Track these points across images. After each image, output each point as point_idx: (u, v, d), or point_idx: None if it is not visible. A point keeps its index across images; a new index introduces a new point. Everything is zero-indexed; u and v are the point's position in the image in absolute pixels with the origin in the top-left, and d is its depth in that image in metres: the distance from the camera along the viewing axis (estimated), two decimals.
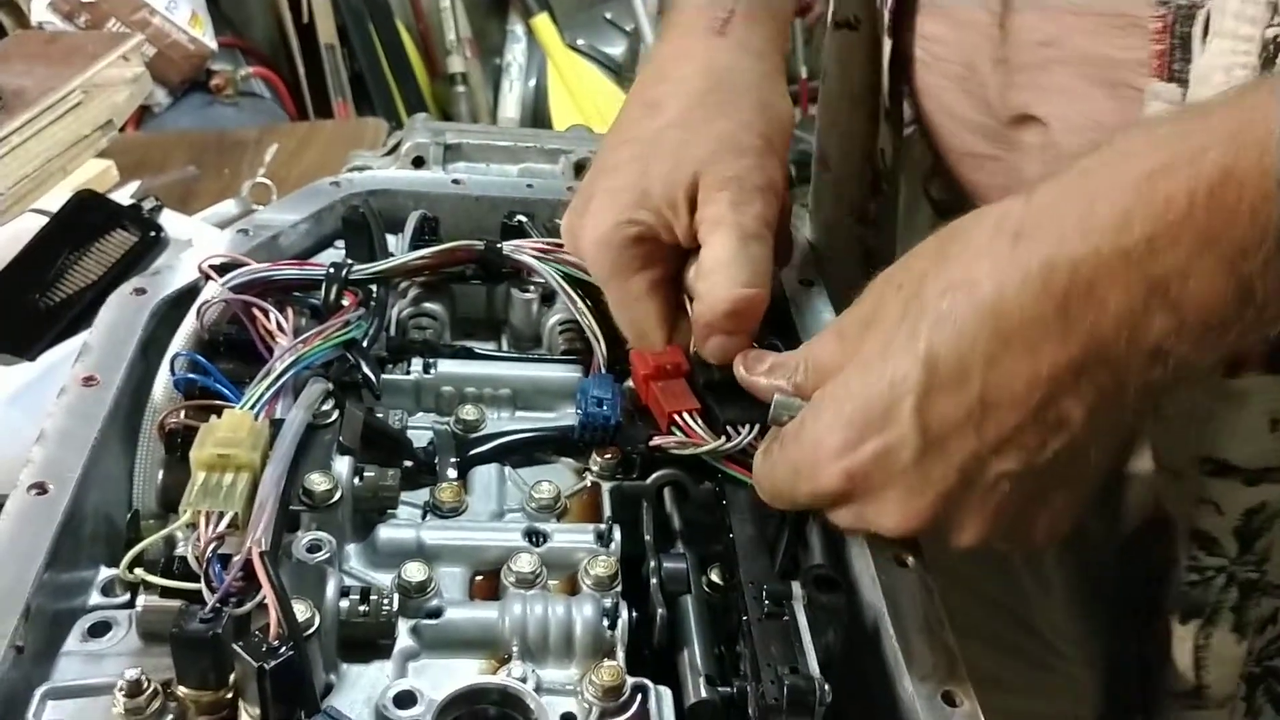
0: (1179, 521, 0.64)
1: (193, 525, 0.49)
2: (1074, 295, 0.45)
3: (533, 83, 2.72)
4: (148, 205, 1.21)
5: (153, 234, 1.17)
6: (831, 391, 0.51)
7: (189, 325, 0.60)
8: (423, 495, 0.58)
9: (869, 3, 0.76)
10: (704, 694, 0.51)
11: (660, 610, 0.53)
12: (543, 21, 2.64)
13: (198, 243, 1.03)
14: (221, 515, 0.48)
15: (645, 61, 0.66)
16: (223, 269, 0.63)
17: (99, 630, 0.51)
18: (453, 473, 0.59)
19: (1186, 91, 0.54)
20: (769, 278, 0.61)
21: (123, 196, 1.27)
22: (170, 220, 1.19)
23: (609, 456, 0.60)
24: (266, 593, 0.45)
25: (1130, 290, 0.44)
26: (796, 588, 0.53)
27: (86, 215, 1.20)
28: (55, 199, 1.23)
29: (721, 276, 0.59)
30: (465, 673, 0.50)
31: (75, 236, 1.17)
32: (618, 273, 0.62)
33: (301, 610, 0.47)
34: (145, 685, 0.46)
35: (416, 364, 0.64)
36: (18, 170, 1.29)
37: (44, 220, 1.18)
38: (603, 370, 0.63)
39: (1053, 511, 0.51)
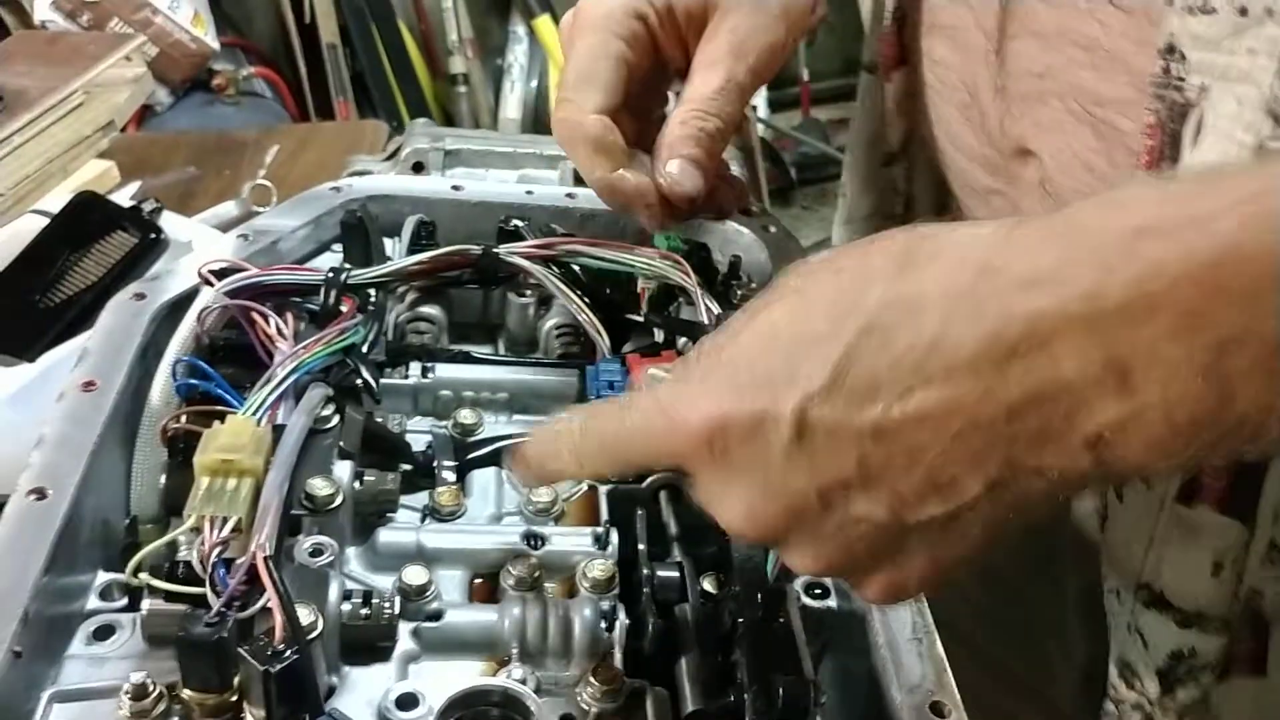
0: (1112, 636, 0.61)
1: (196, 530, 0.49)
2: (1021, 352, 0.38)
3: (534, 84, 2.72)
4: (148, 207, 1.21)
5: (153, 236, 1.18)
6: (724, 350, 0.44)
7: (188, 330, 0.61)
8: (421, 499, 0.58)
9: None
10: (700, 703, 0.51)
11: (653, 619, 0.54)
12: (545, 23, 2.64)
13: (197, 245, 1.04)
14: (225, 520, 0.49)
15: None
16: (221, 274, 0.64)
17: (103, 634, 0.51)
18: (451, 476, 0.59)
19: None
20: (733, 128, 0.65)
21: (123, 197, 1.27)
22: (170, 222, 1.20)
23: None
24: (271, 597, 0.46)
25: (1085, 361, 0.38)
26: (791, 592, 0.54)
27: (87, 216, 1.20)
28: (56, 200, 1.24)
29: (700, 106, 0.63)
30: (466, 674, 0.51)
31: (75, 238, 1.17)
32: (602, 27, 0.65)
33: (305, 614, 0.47)
34: (151, 688, 0.47)
35: (414, 368, 0.65)
36: (19, 170, 1.30)
37: (44, 221, 1.18)
38: (608, 356, 0.64)
39: (901, 574, 0.45)
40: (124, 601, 0.53)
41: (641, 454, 0.46)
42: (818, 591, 0.56)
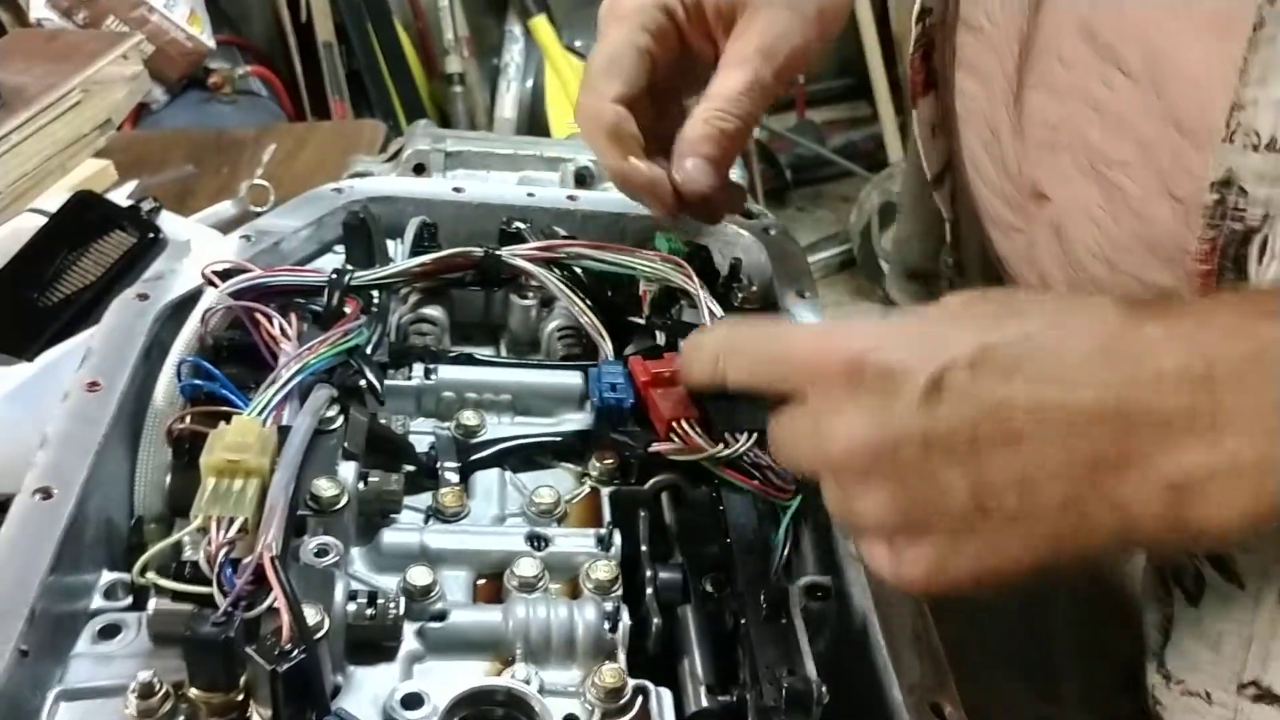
0: None
1: (203, 530, 0.50)
2: (1137, 381, 0.43)
3: (530, 84, 2.72)
4: (146, 206, 1.21)
5: (151, 235, 1.18)
6: (881, 322, 0.50)
7: (191, 330, 0.61)
8: (425, 500, 0.59)
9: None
10: (704, 702, 0.52)
11: (656, 620, 0.55)
12: (541, 22, 2.64)
13: (196, 244, 1.04)
14: (232, 520, 0.49)
15: None
16: (225, 275, 0.64)
17: (109, 633, 0.51)
18: (454, 477, 0.60)
19: None
20: (752, 129, 0.66)
21: (120, 196, 1.27)
22: (168, 222, 1.20)
23: (608, 462, 0.61)
24: (278, 596, 0.46)
25: (1183, 400, 0.43)
26: (794, 592, 0.54)
27: (85, 215, 1.20)
28: (54, 198, 1.23)
29: (722, 105, 0.64)
30: (470, 675, 0.51)
31: (73, 236, 1.17)
32: (631, 19, 0.66)
33: (311, 614, 0.47)
34: (157, 687, 0.47)
35: (417, 369, 0.65)
36: (16, 168, 1.29)
37: (42, 220, 1.18)
38: (610, 358, 0.64)
39: (949, 556, 0.47)
40: (129, 601, 0.53)
41: (780, 360, 0.50)
42: (819, 594, 0.56)
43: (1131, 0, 0.55)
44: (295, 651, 0.45)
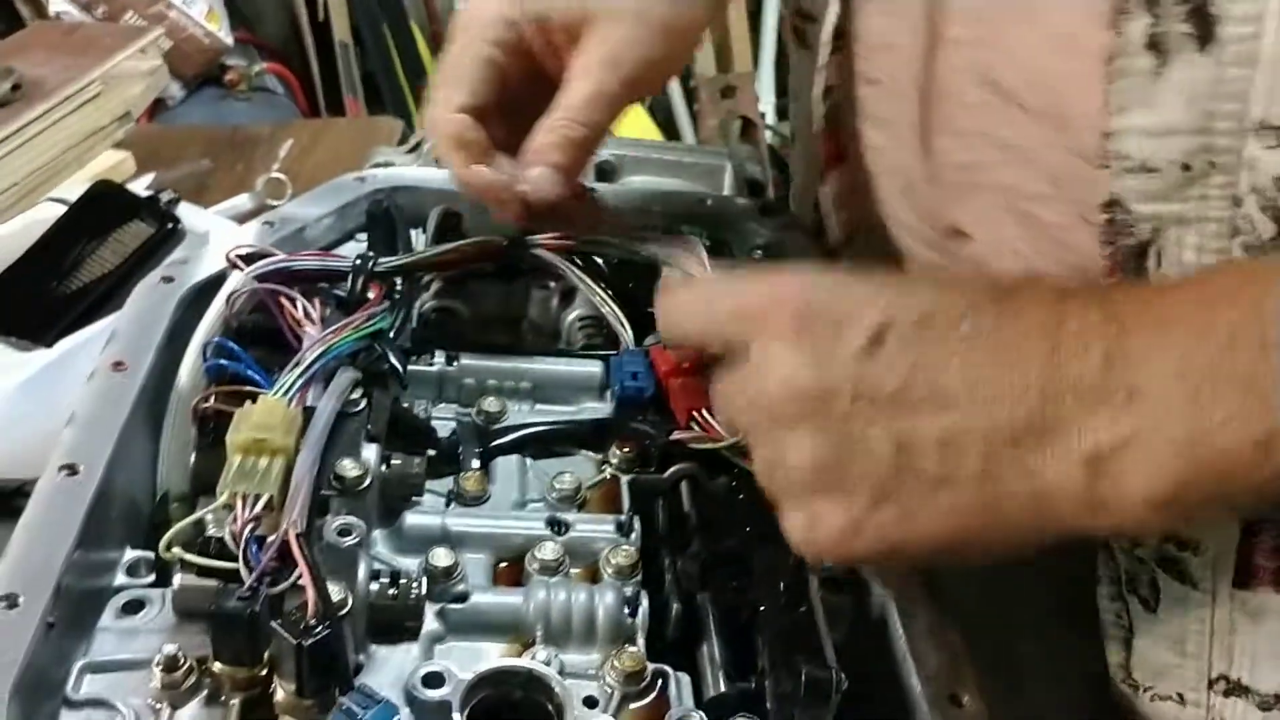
0: None
1: (228, 507, 0.50)
2: (1062, 360, 0.45)
3: None
4: (165, 197, 1.22)
5: (170, 226, 1.19)
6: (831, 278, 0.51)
7: (216, 312, 0.61)
8: (446, 484, 0.59)
9: None
10: (722, 688, 0.52)
11: (675, 606, 0.55)
12: None
13: (214, 236, 1.04)
14: (258, 497, 0.50)
15: None
16: (249, 259, 0.65)
17: (133, 608, 0.52)
18: (476, 463, 0.60)
19: None
20: (600, 139, 0.67)
21: (138, 189, 1.28)
22: (186, 213, 1.20)
23: (628, 450, 0.62)
24: (303, 572, 0.47)
25: (1096, 370, 0.45)
26: (813, 581, 0.54)
27: (104, 205, 1.21)
28: (73, 188, 1.24)
29: (567, 115, 0.64)
30: (490, 656, 0.51)
31: (93, 226, 1.18)
32: (475, 32, 0.67)
33: (335, 591, 0.48)
34: (182, 660, 0.47)
35: (439, 356, 0.65)
36: (36, 159, 1.30)
37: (62, 209, 1.19)
38: (631, 348, 0.64)
39: (862, 515, 0.48)
40: (152, 578, 0.54)
41: (730, 315, 0.52)
42: (837, 584, 0.56)
43: (1019, 45, 0.57)
44: (320, 627, 0.46)
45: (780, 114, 3.22)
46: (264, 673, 0.47)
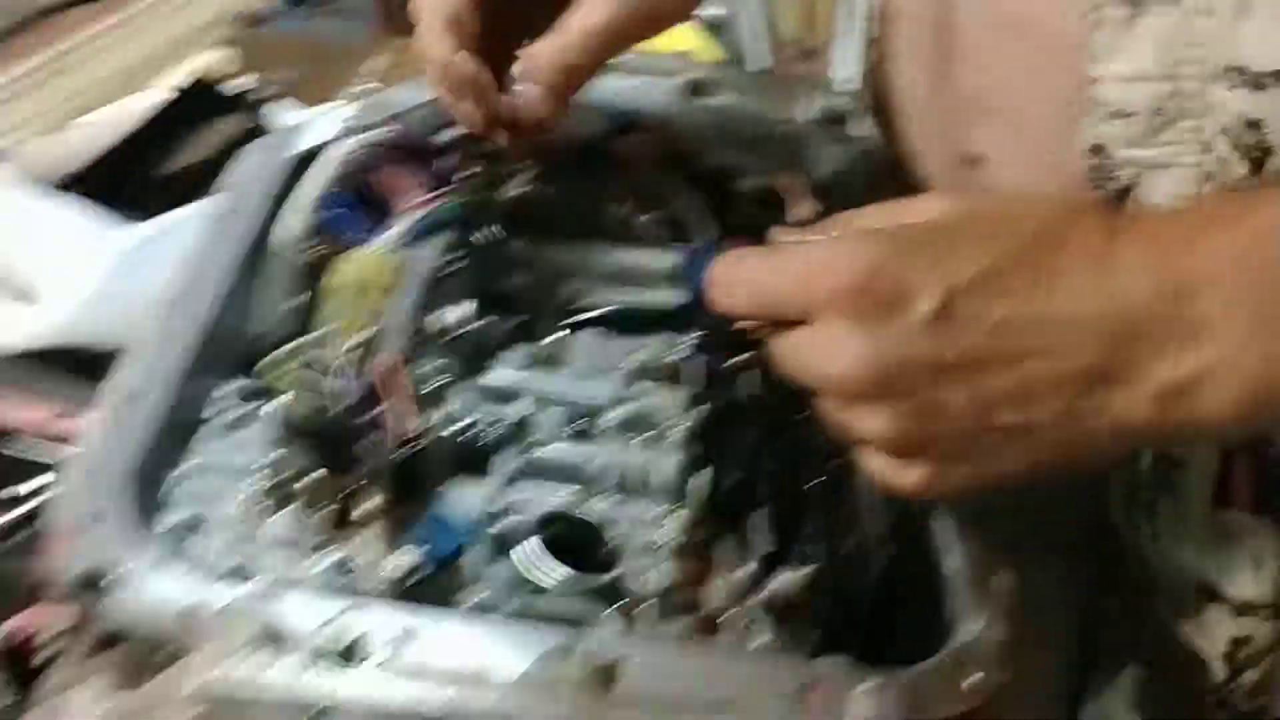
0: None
1: (328, 340, 0.54)
2: (1130, 302, 0.46)
3: None
4: (263, 95, 1.27)
5: (262, 123, 1.23)
6: (883, 231, 0.50)
7: (322, 171, 0.65)
8: (528, 350, 0.62)
9: None
10: (772, 550, 0.55)
11: (732, 477, 0.58)
12: None
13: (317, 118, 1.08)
14: (356, 333, 0.54)
15: None
16: (355, 128, 0.68)
17: (235, 424, 0.56)
18: (557, 334, 0.63)
19: None
20: (596, 71, 0.64)
21: (234, 88, 1.32)
22: (279, 112, 1.25)
23: (697, 335, 0.65)
24: (396, 399, 0.51)
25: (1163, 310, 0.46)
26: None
27: (203, 99, 1.26)
28: (174, 80, 1.29)
29: (577, 39, 0.62)
30: (559, 500, 0.55)
31: (192, 116, 1.23)
32: None
33: (420, 423, 0.52)
34: (281, 470, 0.52)
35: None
36: (142, 49, 1.36)
37: (165, 98, 1.24)
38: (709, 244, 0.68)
39: (947, 470, 0.50)
40: (252, 405, 0.58)
41: (785, 289, 0.51)
42: None
43: None
44: (408, 448, 0.50)
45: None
46: (354, 488, 0.51)
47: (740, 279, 0.53)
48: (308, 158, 0.69)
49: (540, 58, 0.63)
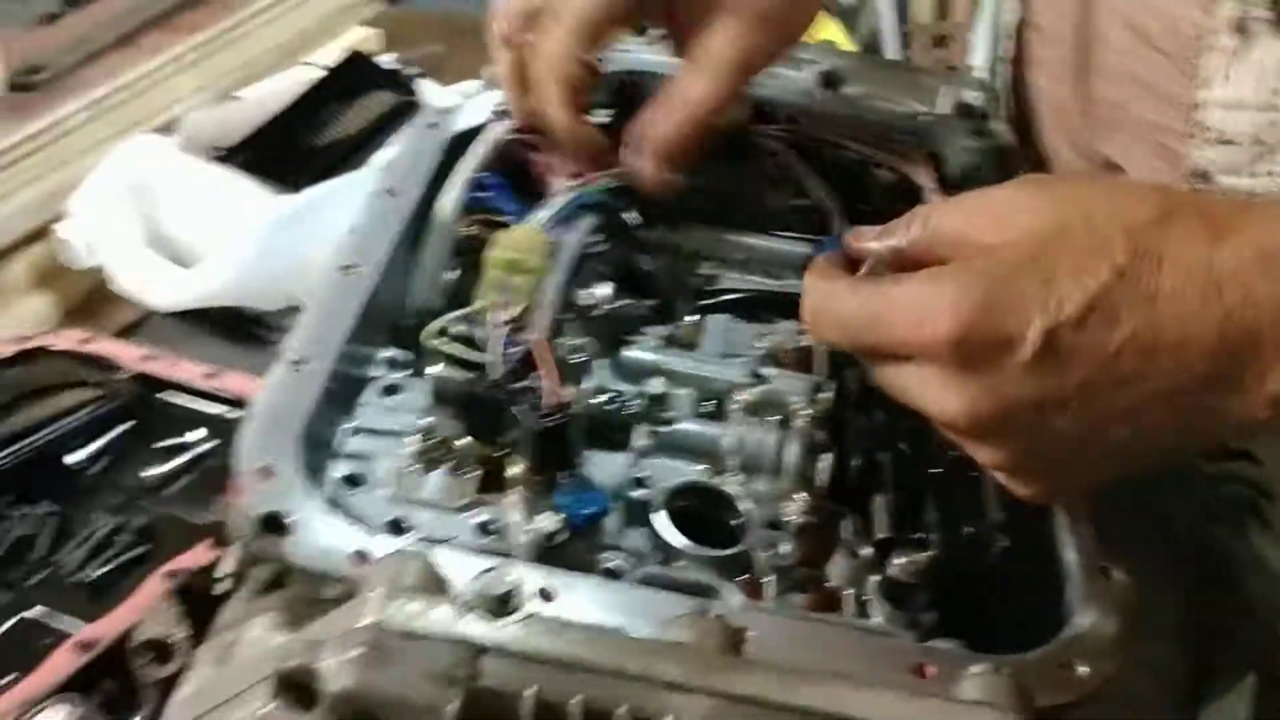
0: None
1: (482, 312, 0.58)
2: (1235, 316, 0.46)
3: None
4: (409, 72, 1.32)
5: (410, 98, 1.28)
6: (982, 259, 0.48)
7: (478, 152, 0.69)
8: (663, 330, 0.66)
9: None
10: (891, 533, 0.58)
11: (856, 460, 0.60)
12: None
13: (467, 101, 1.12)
14: (510, 306, 0.57)
15: None
16: (506, 113, 0.72)
17: (391, 391, 0.60)
18: (691, 316, 0.66)
19: None
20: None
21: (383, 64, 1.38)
22: (426, 88, 1.30)
23: None
24: (546, 370, 0.54)
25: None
26: None
27: (353, 74, 1.32)
28: (326, 56, 1.35)
29: (694, 112, 0.64)
30: (688, 475, 0.58)
31: (342, 91, 1.29)
32: None
33: (565, 394, 0.55)
34: (434, 434, 0.55)
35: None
36: (296, 24, 1.42)
37: (316, 73, 1.30)
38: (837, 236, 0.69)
39: (1065, 481, 0.52)
40: (408, 372, 0.62)
41: (879, 331, 0.50)
42: None
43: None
44: (556, 416, 0.53)
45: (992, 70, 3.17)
46: (501, 454, 0.55)
47: (830, 319, 0.53)
48: (465, 137, 0.73)
49: (661, 132, 0.64)
